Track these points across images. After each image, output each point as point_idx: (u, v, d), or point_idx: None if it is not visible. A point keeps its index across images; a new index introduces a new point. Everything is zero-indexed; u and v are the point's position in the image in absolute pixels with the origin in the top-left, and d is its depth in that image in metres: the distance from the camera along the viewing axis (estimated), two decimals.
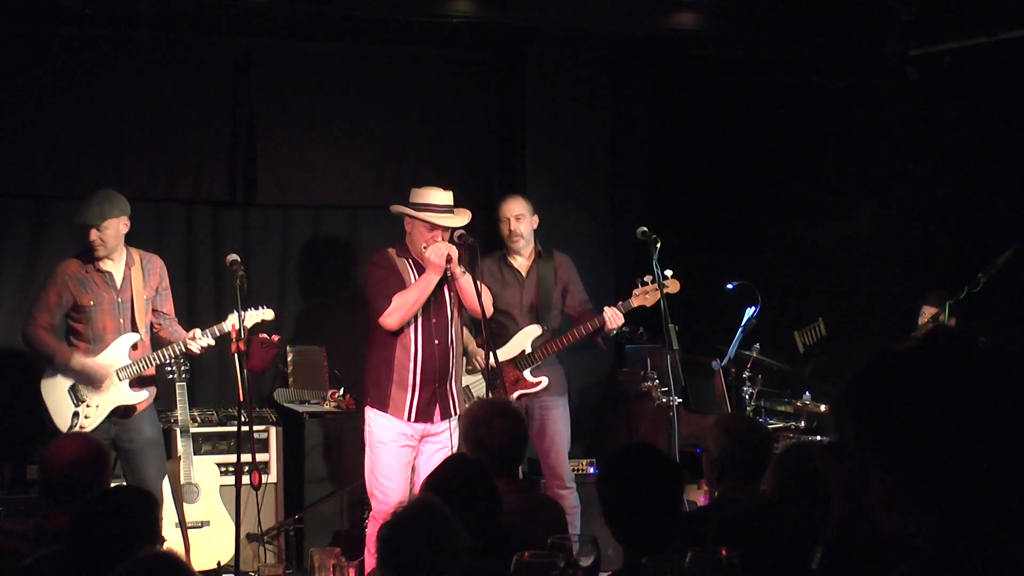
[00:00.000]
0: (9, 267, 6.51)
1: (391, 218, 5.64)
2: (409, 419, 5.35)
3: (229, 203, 6.85)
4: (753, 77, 7.35)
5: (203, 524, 5.87)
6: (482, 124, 7.32)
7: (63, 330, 5.59)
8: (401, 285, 5.35)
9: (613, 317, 5.72)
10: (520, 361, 5.86)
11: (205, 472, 5.96)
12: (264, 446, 6.21)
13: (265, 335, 5.87)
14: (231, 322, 5.42)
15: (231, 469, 5.65)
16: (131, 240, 5.66)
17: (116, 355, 5.54)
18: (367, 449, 5.45)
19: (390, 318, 5.31)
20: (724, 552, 2.10)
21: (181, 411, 5.74)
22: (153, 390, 5.68)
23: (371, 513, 5.45)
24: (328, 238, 7.15)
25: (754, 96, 7.44)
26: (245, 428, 5.17)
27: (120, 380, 5.52)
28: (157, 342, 5.70)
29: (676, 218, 7.37)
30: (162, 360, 5.57)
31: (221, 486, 5.97)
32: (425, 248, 5.32)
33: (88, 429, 5.41)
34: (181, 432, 5.80)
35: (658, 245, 5.56)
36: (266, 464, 6.15)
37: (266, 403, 6.65)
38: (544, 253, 6.02)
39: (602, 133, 7.44)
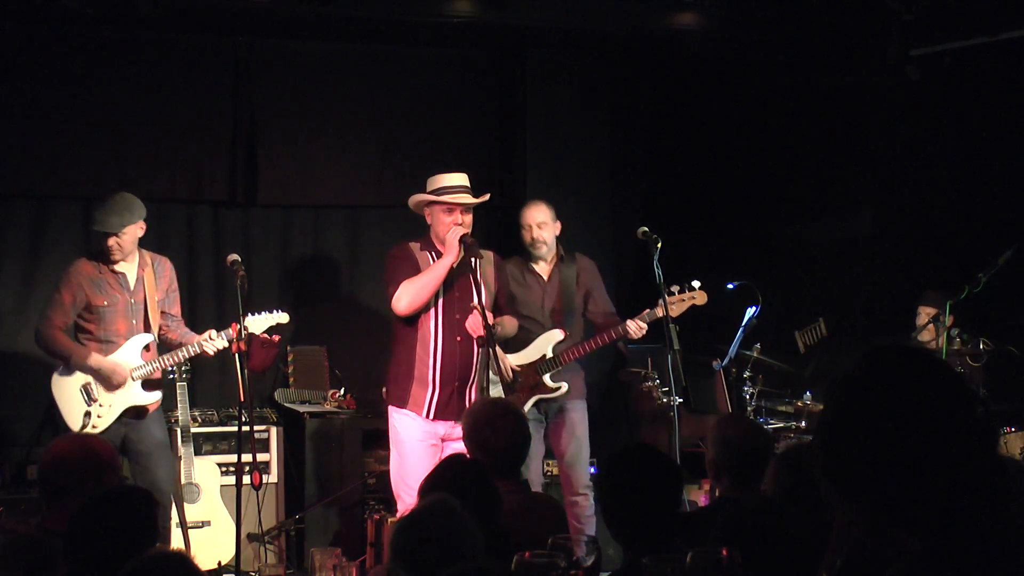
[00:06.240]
0: (9, 267, 6.51)
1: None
2: (428, 416, 5.25)
3: (230, 203, 6.85)
4: (753, 77, 7.34)
5: (204, 524, 5.88)
6: (482, 124, 7.31)
7: (72, 328, 5.57)
8: (415, 272, 5.26)
9: (637, 329, 5.64)
10: (541, 366, 5.75)
11: (206, 472, 5.96)
12: (265, 446, 6.22)
13: (265, 335, 5.87)
14: (247, 323, 5.38)
15: (232, 469, 5.65)
16: None
17: (129, 356, 5.54)
18: (392, 450, 5.35)
19: (400, 301, 5.20)
20: (724, 552, 2.10)
21: (182, 411, 5.74)
22: (160, 392, 5.67)
23: (399, 515, 5.37)
24: (328, 238, 7.14)
25: (754, 96, 7.43)
26: (246, 428, 5.16)
27: (134, 380, 5.52)
28: (165, 344, 5.70)
29: (677, 218, 7.36)
30: (176, 361, 5.56)
31: (222, 486, 5.98)
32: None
33: (100, 429, 5.42)
34: (182, 432, 5.80)
35: (659, 245, 5.51)
36: (267, 464, 6.15)
37: (267, 403, 6.65)
38: (567, 257, 5.94)
39: (602, 133, 7.43)
